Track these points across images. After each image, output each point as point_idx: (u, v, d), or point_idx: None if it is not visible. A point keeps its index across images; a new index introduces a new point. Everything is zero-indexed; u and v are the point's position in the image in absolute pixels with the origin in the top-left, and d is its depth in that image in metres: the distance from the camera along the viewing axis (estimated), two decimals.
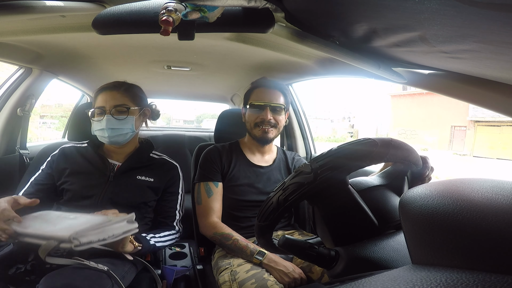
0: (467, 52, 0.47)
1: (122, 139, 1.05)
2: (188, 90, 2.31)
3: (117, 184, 1.03)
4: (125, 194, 1.03)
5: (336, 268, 0.55)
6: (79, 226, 0.67)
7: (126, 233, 0.77)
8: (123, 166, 1.07)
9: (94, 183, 1.02)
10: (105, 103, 1.02)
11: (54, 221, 0.75)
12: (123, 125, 1.03)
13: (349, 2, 0.46)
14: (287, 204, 0.57)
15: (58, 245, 0.62)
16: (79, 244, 0.63)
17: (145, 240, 0.95)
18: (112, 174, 1.05)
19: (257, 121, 1.16)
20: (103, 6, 0.74)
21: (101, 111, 1.03)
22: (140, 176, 1.07)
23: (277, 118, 1.17)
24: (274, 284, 0.85)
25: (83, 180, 1.01)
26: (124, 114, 1.03)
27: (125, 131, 1.04)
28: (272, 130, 1.17)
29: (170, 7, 0.47)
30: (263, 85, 1.19)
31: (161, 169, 1.13)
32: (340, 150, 0.56)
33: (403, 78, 0.84)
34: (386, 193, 0.63)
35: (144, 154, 1.13)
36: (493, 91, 0.62)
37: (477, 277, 0.23)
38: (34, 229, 0.68)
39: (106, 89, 1.05)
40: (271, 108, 1.15)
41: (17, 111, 1.42)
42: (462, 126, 16.21)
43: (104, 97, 1.04)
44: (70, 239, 0.62)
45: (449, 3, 0.32)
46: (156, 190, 1.09)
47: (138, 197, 1.05)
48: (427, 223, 0.29)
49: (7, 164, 1.40)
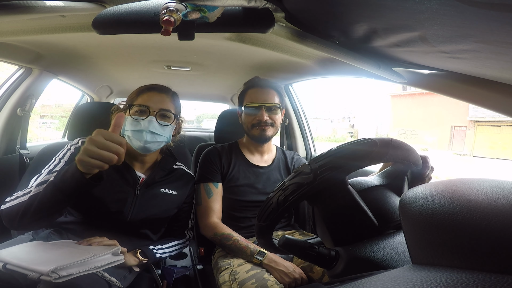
0: (467, 52, 0.47)
1: (156, 147, 0.97)
2: (188, 90, 2.31)
3: (144, 198, 0.97)
4: (151, 210, 0.98)
5: (336, 268, 0.54)
6: (61, 260, 0.68)
7: (110, 264, 0.75)
8: (148, 179, 0.99)
9: (123, 198, 0.93)
10: (152, 104, 0.94)
11: (43, 252, 0.76)
12: (163, 132, 0.95)
13: (349, 2, 0.46)
14: (286, 204, 0.57)
15: (38, 277, 0.64)
16: (58, 277, 0.65)
17: (150, 253, 0.94)
18: (138, 187, 0.97)
19: (254, 122, 1.16)
20: (103, 6, 0.74)
21: (145, 111, 0.93)
22: (164, 189, 1.02)
23: (274, 117, 1.17)
24: (275, 284, 0.85)
25: (112, 192, 0.92)
26: (169, 121, 0.97)
27: (162, 139, 0.96)
28: (270, 128, 1.17)
29: (171, 7, 0.48)
30: (257, 85, 1.19)
31: (181, 180, 1.08)
32: (340, 150, 0.56)
33: (403, 78, 0.84)
34: (386, 193, 0.63)
35: (168, 166, 1.06)
36: (493, 91, 0.62)
37: (477, 277, 0.23)
38: (19, 259, 0.69)
39: (154, 90, 0.98)
40: (267, 108, 1.15)
41: (17, 111, 1.41)
42: (462, 126, 16.21)
43: (151, 97, 0.95)
44: (49, 274, 0.64)
45: (449, 3, 0.32)
46: (178, 203, 1.06)
47: (163, 212, 1.01)
48: (427, 223, 0.29)
49: (7, 164, 1.40)
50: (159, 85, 1.01)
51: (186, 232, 1.13)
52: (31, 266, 0.66)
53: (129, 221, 0.94)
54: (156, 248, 0.98)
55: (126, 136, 0.94)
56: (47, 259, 0.71)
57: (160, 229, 1.06)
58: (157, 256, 0.96)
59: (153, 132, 0.93)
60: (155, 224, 1.02)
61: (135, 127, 0.92)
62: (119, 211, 0.92)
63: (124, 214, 0.93)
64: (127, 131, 0.94)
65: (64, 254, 0.74)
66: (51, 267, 0.64)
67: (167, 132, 0.97)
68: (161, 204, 1.00)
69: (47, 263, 0.67)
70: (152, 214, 0.98)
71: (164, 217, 1.03)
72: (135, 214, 0.95)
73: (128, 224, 0.95)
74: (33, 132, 9.28)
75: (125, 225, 0.95)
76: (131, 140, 0.93)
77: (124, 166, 0.96)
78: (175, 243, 1.06)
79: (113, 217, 0.92)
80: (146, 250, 0.94)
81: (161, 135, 0.95)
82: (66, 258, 0.71)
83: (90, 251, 0.76)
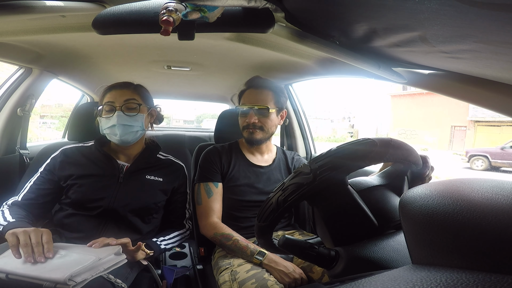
0: (467, 52, 0.47)
1: (133, 137, 1.03)
2: (188, 90, 2.31)
3: (128, 185, 1.02)
4: (136, 195, 1.02)
5: (336, 268, 0.54)
6: (71, 267, 0.69)
7: (116, 265, 0.79)
8: (132, 166, 1.05)
9: (105, 185, 0.99)
10: (115, 99, 1.01)
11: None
12: (133, 122, 1.01)
13: (349, 2, 0.46)
14: (286, 205, 0.57)
15: (55, 286, 0.64)
16: (75, 284, 0.65)
17: (155, 245, 0.98)
18: (122, 175, 1.03)
19: (244, 124, 1.17)
20: (103, 6, 0.74)
21: (111, 108, 1.00)
22: (149, 175, 1.07)
23: (263, 120, 1.15)
24: (275, 284, 0.85)
25: (93, 183, 0.99)
26: (135, 111, 1.02)
27: (136, 128, 1.02)
28: (258, 132, 1.16)
29: (170, 7, 0.48)
30: (252, 86, 1.18)
31: (169, 169, 1.13)
32: (339, 150, 0.56)
33: (403, 78, 0.84)
34: (386, 193, 0.63)
35: (152, 154, 1.13)
36: (493, 91, 0.62)
37: (477, 277, 0.23)
38: (25, 269, 0.68)
39: (116, 88, 1.04)
40: (256, 111, 1.15)
41: (17, 111, 1.41)
42: (462, 126, 16.22)
43: (113, 94, 1.02)
44: (66, 282, 0.64)
45: (449, 3, 0.32)
46: (165, 190, 1.09)
47: (149, 197, 1.04)
48: (427, 223, 0.29)
49: (7, 164, 1.40)
50: (119, 83, 1.07)
51: (184, 222, 1.14)
52: (43, 275, 0.65)
53: (114, 208, 0.97)
54: (159, 240, 1.01)
55: (105, 134, 1.03)
56: (54, 266, 0.70)
57: (150, 219, 1.06)
58: (162, 248, 1.00)
59: (124, 124, 0.99)
60: (143, 213, 1.03)
61: (108, 124, 1.00)
62: (102, 198, 0.97)
63: (106, 200, 0.97)
64: (104, 129, 1.02)
65: (70, 260, 0.74)
66: (66, 274, 0.64)
67: (139, 121, 1.03)
68: (146, 189, 1.04)
69: (57, 271, 0.67)
70: (137, 200, 1.01)
71: (151, 204, 1.04)
72: (119, 200, 0.98)
73: (115, 212, 0.97)
74: (33, 132, 9.29)
75: (112, 214, 0.97)
76: (110, 137, 1.03)
77: (106, 158, 1.05)
78: (176, 234, 1.09)
79: (97, 205, 0.97)
80: (150, 243, 0.97)
81: (132, 125, 1.01)
82: (73, 263, 0.71)
83: (92, 253, 0.77)
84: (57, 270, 0.67)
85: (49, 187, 1.00)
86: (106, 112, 1.01)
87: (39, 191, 0.99)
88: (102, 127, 1.02)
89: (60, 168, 1.01)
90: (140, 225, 1.03)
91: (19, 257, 0.72)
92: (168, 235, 1.05)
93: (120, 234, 0.97)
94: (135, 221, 1.01)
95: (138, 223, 1.02)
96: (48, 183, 1.00)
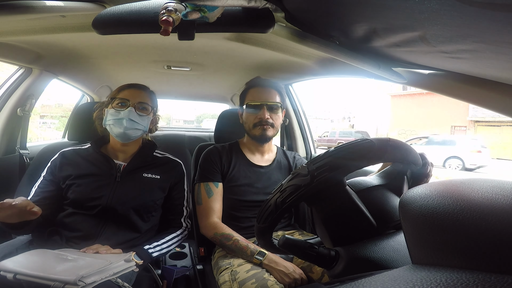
0: (467, 52, 0.47)
1: (134, 134, 1.05)
2: (188, 90, 2.31)
3: (125, 183, 1.04)
4: (134, 193, 1.03)
5: (336, 268, 0.54)
6: (82, 269, 0.70)
7: (124, 270, 0.81)
8: (129, 165, 1.07)
9: (102, 184, 1.01)
10: (131, 97, 1.05)
11: (53, 261, 0.76)
12: (141, 121, 1.05)
13: (349, 2, 0.46)
14: (285, 206, 0.57)
15: (63, 286, 0.65)
16: (85, 285, 0.66)
17: (145, 254, 0.96)
18: (119, 174, 1.05)
19: (255, 121, 1.16)
20: (103, 6, 0.74)
21: (125, 103, 1.04)
22: (146, 173, 1.08)
23: (274, 116, 1.17)
24: (275, 284, 0.85)
25: (90, 182, 1.01)
26: (146, 112, 1.07)
27: (141, 127, 1.05)
28: (270, 128, 1.17)
29: (170, 7, 0.47)
30: (258, 85, 1.19)
31: (166, 166, 1.14)
32: (337, 151, 0.56)
33: (403, 78, 0.84)
34: (386, 193, 0.63)
35: (148, 153, 1.14)
36: (493, 91, 0.62)
37: (477, 277, 0.23)
38: (34, 269, 0.69)
39: (134, 87, 1.09)
40: (268, 107, 1.15)
41: (17, 111, 1.41)
42: (462, 126, 16.21)
43: (130, 92, 1.06)
44: (76, 282, 0.65)
45: (449, 3, 0.32)
46: (163, 187, 1.10)
47: (147, 195, 1.05)
48: (427, 223, 0.29)
49: (7, 164, 1.40)
50: (138, 84, 1.12)
51: (182, 221, 1.14)
52: (52, 275, 0.66)
53: (113, 206, 0.98)
54: (152, 246, 0.99)
55: (107, 125, 1.05)
56: (64, 268, 0.71)
57: (149, 217, 1.07)
58: (153, 256, 0.98)
59: (132, 120, 1.03)
60: (142, 211, 1.04)
61: (116, 116, 1.02)
62: (99, 197, 0.99)
63: (103, 199, 0.98)
64: (109, 120, 1.04)
65: (82, 263, 0.75)
66: (75, 275, 0.65)
67: (145, 122, 1.07)
68: (143, 187, 1.06)
69: (67, 272, 0.68)
70: (135, 198, 1.02)
71: (149, 201, 1.05)
72: (117, 198, 1.00)
73: (114, 211, 0.98)
74: (33, 132, 9.28)
75: (111, 212, 0.98)
76: (112, 129, 1.04)
77: (103, 158, 1.07)
78: (172, 236, 1.08)
79: (95, 203, 0.98)
80: (141, 252, 0.95)
81: (139, 123, 1.05)
82: (83, 266, 0.72)
83: (102, 258, 0.79)
84: (67, 271, 0.68)
85: (53, 188, 1.02)
86: (118, 105, 1.04)
87: (44, 193, 1.01)
88: (107, 118, 1.04)
89: (60, 170, 1.04)
90: (139, 224, 1.03)
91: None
92: (162, 239, 1.04)
93: (120, 233, 0.98)
94: (134, 220, 1.02)
95: (137, 222, 1.02)
96: (51, 185, 1.03)
